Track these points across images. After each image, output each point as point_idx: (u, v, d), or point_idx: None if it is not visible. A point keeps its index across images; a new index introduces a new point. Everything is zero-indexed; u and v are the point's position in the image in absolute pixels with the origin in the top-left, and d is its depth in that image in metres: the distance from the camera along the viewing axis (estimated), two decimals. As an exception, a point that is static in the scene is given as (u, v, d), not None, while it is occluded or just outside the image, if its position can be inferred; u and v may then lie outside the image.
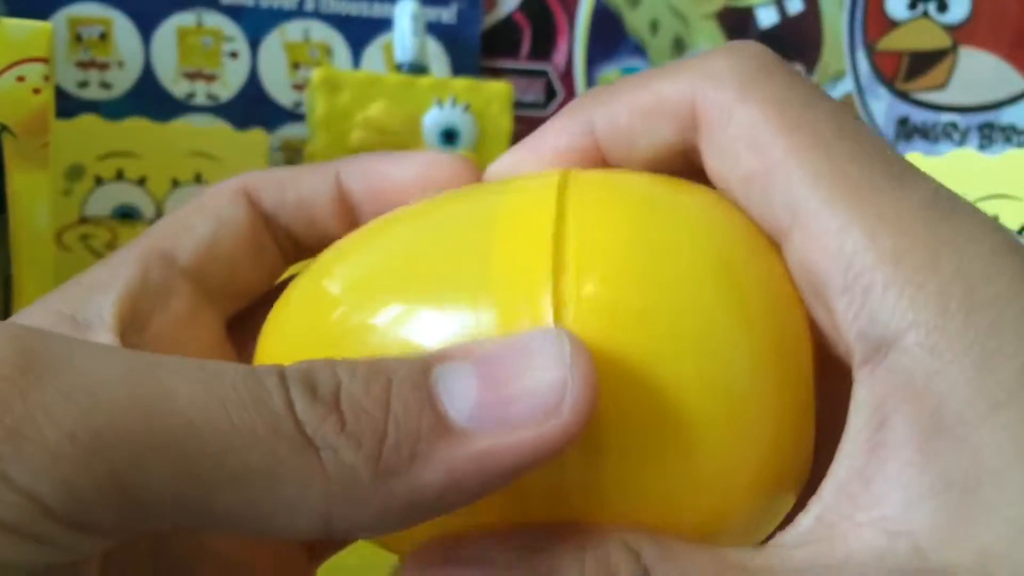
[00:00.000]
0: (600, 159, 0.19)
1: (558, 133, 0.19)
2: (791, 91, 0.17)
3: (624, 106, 0.18)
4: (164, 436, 0.13)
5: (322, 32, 0.62)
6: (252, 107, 0.61)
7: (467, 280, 0.17)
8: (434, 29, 0.63)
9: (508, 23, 0.66)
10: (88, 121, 0.53)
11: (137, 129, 0.54)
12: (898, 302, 0.15)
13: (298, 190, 0.21)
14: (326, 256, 0.19)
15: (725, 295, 0.16)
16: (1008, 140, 0.68)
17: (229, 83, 0.61)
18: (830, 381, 0.17)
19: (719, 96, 0.17)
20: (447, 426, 0.14)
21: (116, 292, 0.18)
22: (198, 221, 0.20)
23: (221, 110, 0.61)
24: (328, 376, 0.14)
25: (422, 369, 0.15)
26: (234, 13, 0.61)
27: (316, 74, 0.57)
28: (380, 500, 0.14)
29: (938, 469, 0.15)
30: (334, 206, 0.21)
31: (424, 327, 0.16)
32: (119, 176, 0.54)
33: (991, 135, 0.68)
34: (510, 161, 0.20)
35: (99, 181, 0.53)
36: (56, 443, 0.13)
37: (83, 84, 0.58)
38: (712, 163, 0.18)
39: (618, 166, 0.19)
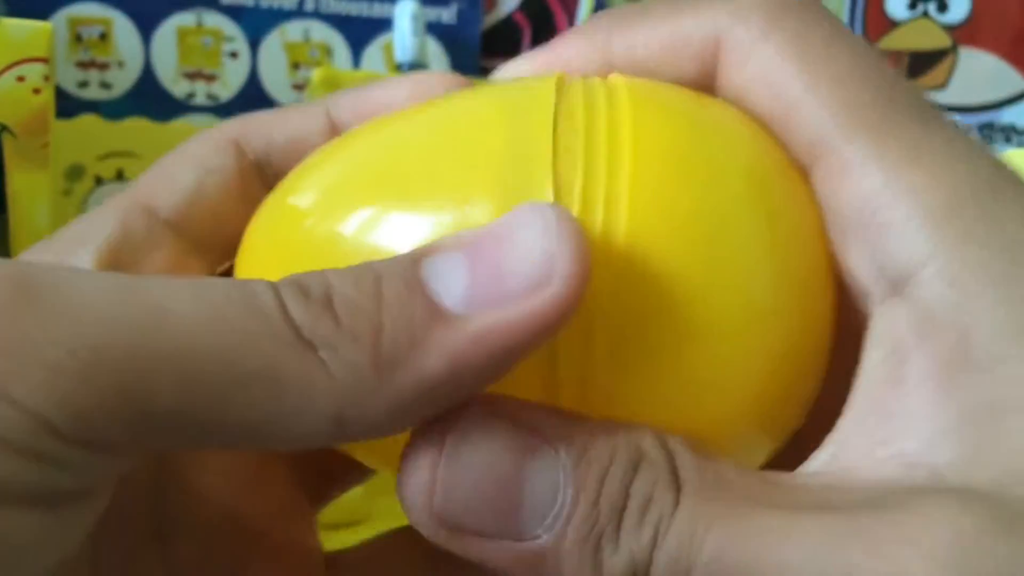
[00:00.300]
0: None
1: (573, 49, 0.19)
2: (813, 28, 0.17)
3: (646, 36, 0.18)
4: (162, 347, 0.13)
5: (322, 32, 0.62)
6: (252, 107, 0.61)
7: (458, 174, 0.16)
8: (434, 29, 0.63)
9: (508, 23, 0.66)
10: (88, 121, 0.53)
11: (137, 129, 0.54)
12: (916, 236, 0.15)
13: (287, 131, 0.20)
14: (293, 171, 0.19)
15: (756, 207, 0.16)
16: (1008, 140, 0.68)
17: (229, 83, 0.61)
18: (846, 324, 0.17)
19: (742, 35, 0.17)
20: (441, 312, 0.14)
21: (96, 245, 0.18)
22: (181, 171, 0.19)
23: (221, 110, 0.61)
24: (318, 281, 0.14)
25: (410, 264, 0.15)
26: (234, 13, 0.61)
27: (316, 74, 0.57)
28: (386, 394, 0.14)
29: (960, 403, 0.14)
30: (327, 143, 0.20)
31: (408, 227, 0.16)
32: (119, 176, 0.54)
33: (991, 135, 0.68)
34: (517, 68, 0.19)
35: (99, 181, 0.53)
36: (56, 360, 0.13)
37: (83, 84, 0.58)
38: (732, 102, 0.18)
39: None
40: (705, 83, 0.18)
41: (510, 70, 0.20)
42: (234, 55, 0.61)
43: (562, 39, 0.19)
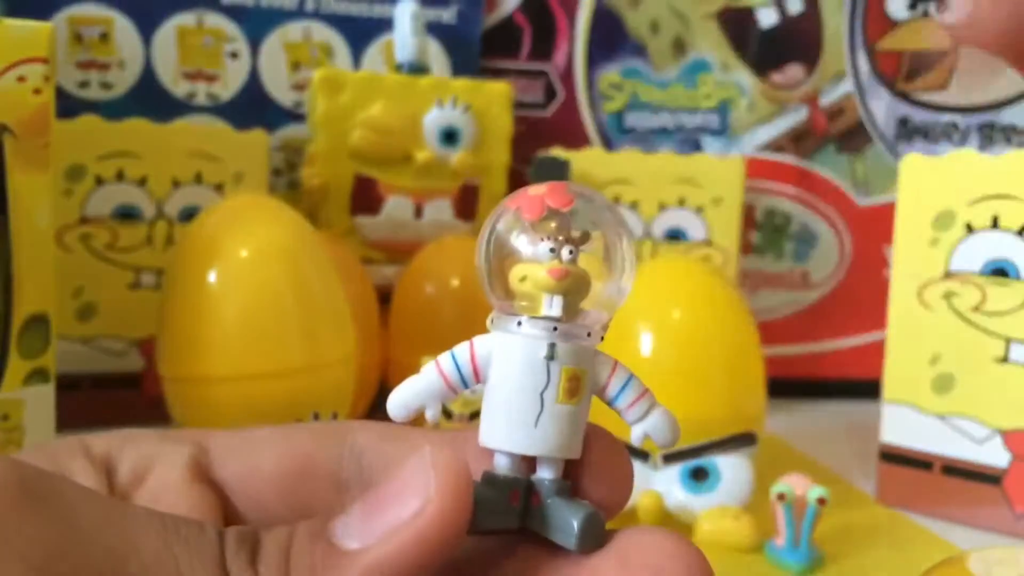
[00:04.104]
0: None
1: None
2: None
3: None
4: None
5: (322, 32, 0.62)
6: (252, 107, 0.61)
7: None
8: (434, 29, 0.63)
9: (508, 23, 0.66)
10: (88, 121, 0.53)
11: (137, 129, 0.54)
12: None
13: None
14: None
15: None
16: (1008, 140, 0.68)
17: (229, 83, 0.61)
18: None
19: None
20: (339, 551, 0.17)
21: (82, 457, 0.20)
22: (144, 438, 0.21)
23: (221, 110, 0.61)
24: (252, 532, 0.17)
25: (321, 520, 0.17)
26: (235, 13, 0.61)
27: (316, 74, 0.57)
28: None
29: None
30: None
31: None
32: (119, 176, 0.54)
33: (991, 135, 0.68)
34: None
35: (99, 181, 0.53)
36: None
37: (83, 84, 0.58)
38: None
39: None
40: None
41: None
42: (234, 55, 0.61)
43: None
